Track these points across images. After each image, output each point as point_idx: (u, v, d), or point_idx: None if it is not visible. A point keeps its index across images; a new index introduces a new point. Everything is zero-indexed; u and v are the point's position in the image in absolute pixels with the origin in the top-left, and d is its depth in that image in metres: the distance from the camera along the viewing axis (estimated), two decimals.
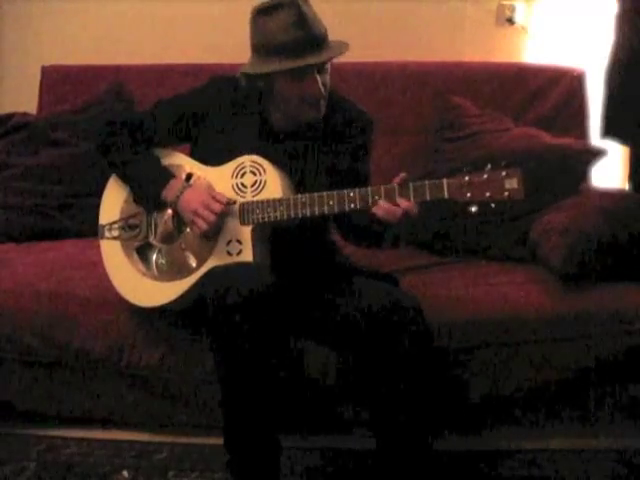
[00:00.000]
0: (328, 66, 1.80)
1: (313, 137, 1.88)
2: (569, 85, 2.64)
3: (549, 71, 2.68)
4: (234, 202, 1.80)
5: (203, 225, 1.78)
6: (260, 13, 1.76)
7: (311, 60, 1.73)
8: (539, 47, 2.83)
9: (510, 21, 2.83)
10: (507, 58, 2.84)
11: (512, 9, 2.82)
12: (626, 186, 2.68)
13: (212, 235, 1.81)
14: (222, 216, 1.78)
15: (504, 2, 2.83)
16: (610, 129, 2.49)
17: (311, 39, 1.73)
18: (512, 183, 1.62)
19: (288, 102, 1.82)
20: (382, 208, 1.68)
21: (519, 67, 2.74)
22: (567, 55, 2.77)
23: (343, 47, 1.79)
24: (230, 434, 1.77)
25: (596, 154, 2.43)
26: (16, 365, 2.09)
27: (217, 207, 1.78)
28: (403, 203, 1.67)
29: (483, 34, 2.86)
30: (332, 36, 1.81)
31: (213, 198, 1.79)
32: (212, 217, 1.77)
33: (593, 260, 2.07)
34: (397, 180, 1.69)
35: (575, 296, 2.07)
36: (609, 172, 2.73)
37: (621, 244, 2.09)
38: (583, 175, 2.47)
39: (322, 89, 1.78)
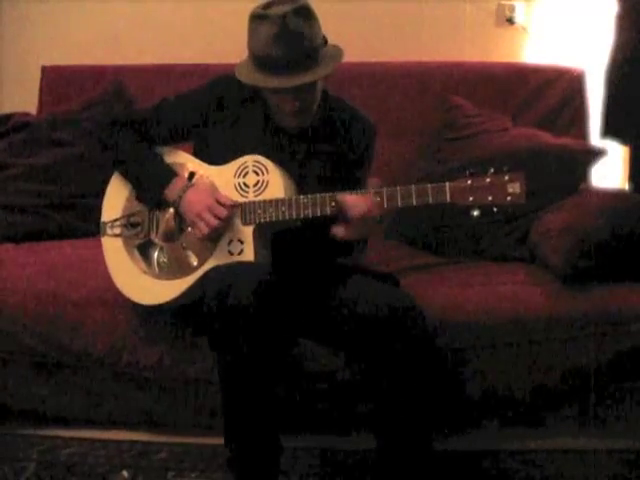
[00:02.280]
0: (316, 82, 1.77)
1: (316, 138, 1.88)
2: (569, 85, 2.64)
3: (549, 71, 2.68)
4: (239, 205, 1.79)
5: (205, 229, 1.78)
6: (252, 18, 1.74)
7: (284, 82, 1.70)
8: (539, 47, 2.83)
9: (510, 21, 2.83)
10: (507, 58, 2.84)
11: (512, 9, 2.82)
12: (626, 186, 2.68)
13: (214, 235, 1.81)
14: (224, 222, 1.78)
15: (504, 2, 2.83)
16: (610, 129, 2.49)
17: (290, 58, 1.69)
18: (515, 187, 1.61)
19: (270, 107, 1.83)
20: (348, 199, 1.68)
21: (519, 67, 2.74)
22: (567, 55, 2.77)
23: (327, 67, 1.73)
24: (230, 434, 1.77)
25: (596, 154, 2.43)
26: (16, 365, 2.09)
27: (222, 213, 1.77)
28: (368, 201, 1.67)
29: (483, 34, 2.86)
30: (332, 36, 1.80)
31: (218, 202, 1.78)
32: (215, 222, 1.77)
33: (593, 260, 2.07)
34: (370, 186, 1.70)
35: (575, 296, 2.07)
36: (609, 172, 2.73)
37: (621, 244, 2.09)
38: (583, 175, 2.47)
39: (296, 106, 1.76)
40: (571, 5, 2.78)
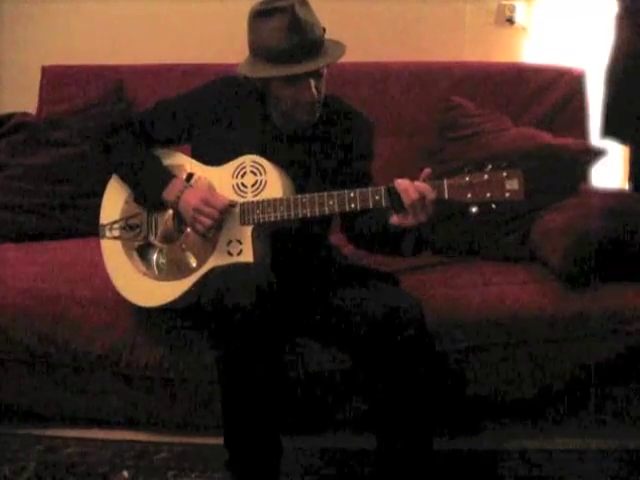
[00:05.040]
0: (323, 71, 1.79)
1: (315, 137, 1.88)
2: (569, 85, 2.64)
3: (549, 71, 2.68)
4: (235, 204, 1.80)
5: (206, 221, 1.78)
6: (256, 16, 1.76)
7: (304, 68, 1.72)
8: (539, 47, 2.83)
9: (510, 21, 2.83)
10: (507, 58, 2.84)
11: (512, 9, 2.82)
12: (626, 186, 2.68)
13: (212, 235, 1.81)
14: (223, 214, 1.78)
15: (504, 2, 2.83)
16: (610, 129, 2.49)
17: (305, 45, 1.72)
18: (513, 184, 1.61)
19: (283, 103, 1.83)
20: (401, 185, 1.66)
21: (519, 67, 2.74)
22: (567, 55, 2.77)
23: (338, 52, 1.78)
24: (230, 434, 1.78)
25: (596, 154, 2.43)
26: (16, 365, 2.09)
27: (219, 204, 1.78)
28: (420, 186, 1.65)
29: (483, 34, 2.85)
30: (332, 36, 1.81)
31: (214, 196, 1.79)
32: (214, 213, 1.77)
33: (593, 260, 2.07)
34: (422, 176, 1.68)
35: (575, 296, 2.07)
36: (609, 172, 2.73)
37: (621, 244, 2.09)
38: (583, 175, 2.47)
39: (315, 94, 1.78)
40: (571, 5, 2.78)
